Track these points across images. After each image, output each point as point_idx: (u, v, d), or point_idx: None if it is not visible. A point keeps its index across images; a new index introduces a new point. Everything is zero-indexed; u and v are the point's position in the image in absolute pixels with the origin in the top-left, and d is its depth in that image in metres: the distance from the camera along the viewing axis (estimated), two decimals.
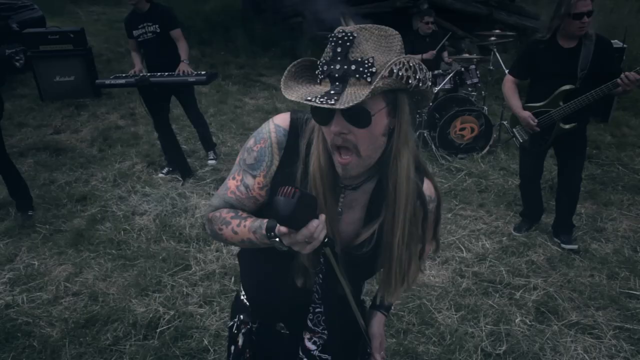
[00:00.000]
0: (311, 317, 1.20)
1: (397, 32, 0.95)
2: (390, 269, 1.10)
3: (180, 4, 9.30)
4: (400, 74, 0.89)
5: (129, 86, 3.72)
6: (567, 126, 3.04)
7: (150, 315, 2.66)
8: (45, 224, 3.55)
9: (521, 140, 3.29)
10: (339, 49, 0.90)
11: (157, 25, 4.07)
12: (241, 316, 1.34)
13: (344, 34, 0.90)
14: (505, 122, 5.08)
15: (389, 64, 0.89)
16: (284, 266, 1.13)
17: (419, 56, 4.90)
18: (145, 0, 4.01)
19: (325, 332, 1.21)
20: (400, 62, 0.89)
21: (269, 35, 8.80)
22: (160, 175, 4.39)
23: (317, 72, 0.95)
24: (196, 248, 3.33)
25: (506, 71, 4.90)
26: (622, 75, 2.73)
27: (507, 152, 4.94)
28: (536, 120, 3.07)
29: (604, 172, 4.49)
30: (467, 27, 8.03)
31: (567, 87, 2.95)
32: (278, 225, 0.93)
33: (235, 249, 3.33)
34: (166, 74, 3.86)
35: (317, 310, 1.19)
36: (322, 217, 0.94)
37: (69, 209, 3.79)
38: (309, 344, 1.24)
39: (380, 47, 0.91)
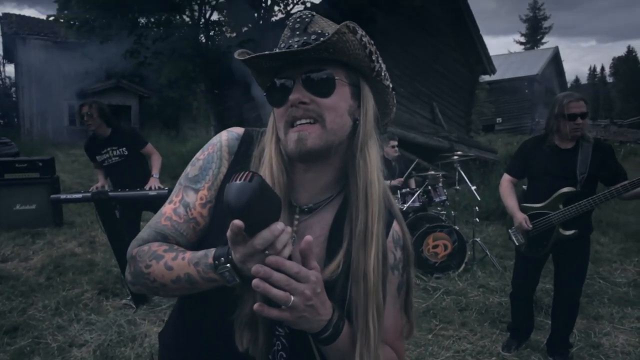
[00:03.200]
0: None
1: None
2: (367, 308, 0.82)
3: (158, 146, 9.71)
4: (363, 40, 0.84)
5: (85, 201, 3.54)
6: (567, 232, 2.83)
7: None
8: None
9: (517, 244, 3.04)
10: (297, 25, 0.88)
11: (123, 149, 4.06)
12: None
13: (302, 13, 0.90)
14: (478, 240, 5.01)
15: (353, 25, 0.84)
16: (222, 328, 0.86)
17: (388, 182, 4.98)
18: (105, 125, 4.04)
19: None
20: (363, 32, 0.85)
21: None
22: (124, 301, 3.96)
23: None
24: None
25: (472, 188, 5.08)
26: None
27: (484, 269, 4.75)
28: (531, 225, 2.88)
29: (586, 286, 4.26)
30: (430, 159, 8.51)
31: (567, 189, 2.79)
32: (232, 222, 0.68)
33: None
34: (127, 189, 3.73)
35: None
36: (288, 228, 0.74)
37: None
38: None
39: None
